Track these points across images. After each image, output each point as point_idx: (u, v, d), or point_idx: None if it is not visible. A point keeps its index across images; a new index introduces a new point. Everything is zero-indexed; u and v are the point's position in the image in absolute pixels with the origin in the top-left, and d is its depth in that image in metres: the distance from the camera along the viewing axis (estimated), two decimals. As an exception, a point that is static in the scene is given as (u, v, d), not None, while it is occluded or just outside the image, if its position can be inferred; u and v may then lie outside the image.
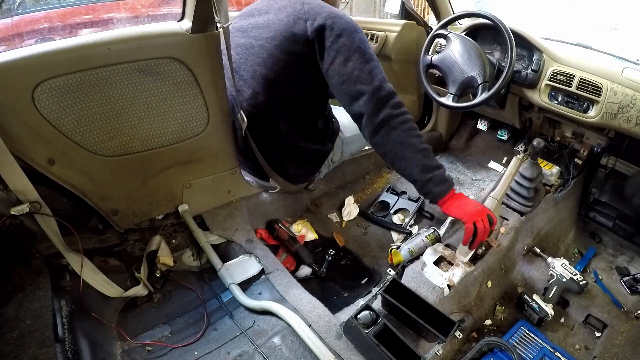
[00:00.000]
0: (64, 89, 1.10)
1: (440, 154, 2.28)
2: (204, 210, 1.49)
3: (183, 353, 1.08)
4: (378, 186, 1.92)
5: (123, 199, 1.31)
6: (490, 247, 1.39)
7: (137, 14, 2.58)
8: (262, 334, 1.09)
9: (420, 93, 2.23)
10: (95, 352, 1.01)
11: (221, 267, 1.28)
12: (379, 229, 1.71)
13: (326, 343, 1.04)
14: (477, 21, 1.69)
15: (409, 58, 2.08)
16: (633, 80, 1.38)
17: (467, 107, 1.53)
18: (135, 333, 1.13)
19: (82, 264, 1.14)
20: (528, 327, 1.31)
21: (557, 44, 1.71)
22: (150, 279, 1.27)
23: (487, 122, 2.18)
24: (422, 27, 2.04)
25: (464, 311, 1.25)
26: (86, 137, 1.18)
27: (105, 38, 1.13)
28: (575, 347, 1.31)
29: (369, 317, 1.01)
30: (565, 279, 1.40)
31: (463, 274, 1.27)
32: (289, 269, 1.41)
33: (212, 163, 1.44)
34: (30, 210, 1.09)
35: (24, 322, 0.97)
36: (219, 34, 1.26)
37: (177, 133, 1.32)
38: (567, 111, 1.52)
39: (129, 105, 1.21)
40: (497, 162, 2.12)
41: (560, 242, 1.69)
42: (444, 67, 1.56)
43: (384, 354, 0.95)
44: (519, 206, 1.55)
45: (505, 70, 1.44)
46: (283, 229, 1.52)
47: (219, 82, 1.32)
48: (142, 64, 1.18)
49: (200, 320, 1.19)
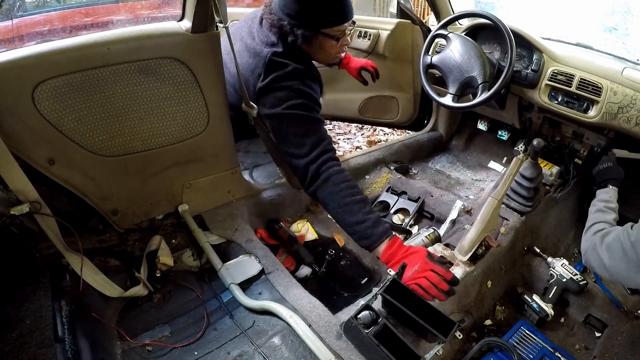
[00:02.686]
0: (64, 89, 1.10)
1: (440, 154, 2.28)
2: (204, 210, 1.49)
3: (183, 353, 1.08)
4: (378, 186, 1.92)
5: (123, 199, 1.31)
6: (490, 247, 1.39)
7: (137, 15, 2.58)
8: (262, 334, 1.09)
9: (416, 91, 2.24)
10: (95, 352, 1.01)
11: (221, 267, 1.28)
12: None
13: (326, 343, 1.03)
14: (477, 21, 1.69)
15: (404, 57, 2.11)
16: (633, 80, 1.38)
17: (467, 107, 1.53)
18: (135, 333, 1.13)
19: (82, 264, 1.14)
20: (528, 327, 1.31)
21: (557, 44, 1.71)
22: (150, 279, 1.27)
23: (487, 122, 2.18)
24: (418, 26, 2.05)
25: (464, 311, 1.25)
26: (86, 137, 1.18)
27: (105, 38, 1.13)
28: (575, 347, 1.31)
29: (369, 317, 1.01)
30: (565, 279, 1.40)
31: (463, 274, 1.27)
32: (289, 269, 1.41)
33: (212, 163, 1.44)
34: (30, 210, 1.09)
35: (24, 322, 0.97)
36: (219, 34, 1.26)
37: (177, 133, 1.32)
38: (567, 111, 1.52)
39: (129, 105, 1.21)
40: (497, 162, 2.12)
41: (560, 242, 1.69)
42: (444, 67, 1.56)
43: (384, 354, 0.95)
44: (519, 206, 1.55)
45: (505, 70, 1.44)
46: (283, 229, 1.52)
47: (219, 82, 1.33)
48: (142, 64, 1.18)
49: (200, 320, 1.18)
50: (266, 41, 1.30)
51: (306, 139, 1.26)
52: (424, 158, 2.22)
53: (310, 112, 1.28)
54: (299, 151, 1.26)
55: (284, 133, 1.28)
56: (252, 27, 1.37)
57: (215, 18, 1.19)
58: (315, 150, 1.25)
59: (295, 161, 1.28)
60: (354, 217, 1.20)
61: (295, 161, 1.28)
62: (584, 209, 1.81)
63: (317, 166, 1.24)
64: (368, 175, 1.97)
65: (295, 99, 1.26)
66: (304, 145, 1.25)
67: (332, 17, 1.27)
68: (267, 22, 1.29)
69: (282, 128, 1.28)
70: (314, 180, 1.25)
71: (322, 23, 1.27)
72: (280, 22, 1.26)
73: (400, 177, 1.95)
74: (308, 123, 1.27)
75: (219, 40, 1.28)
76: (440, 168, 2.14)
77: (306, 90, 1.28)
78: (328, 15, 1.26)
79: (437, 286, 1.09)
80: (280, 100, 1.26)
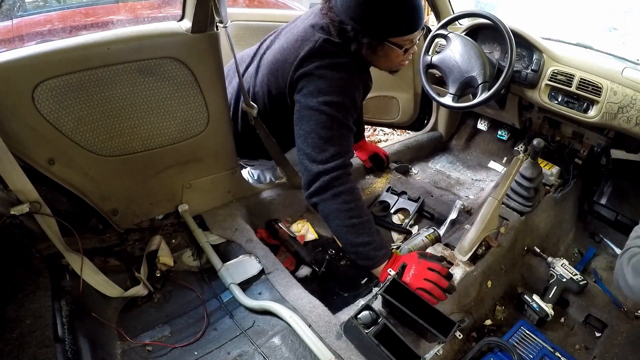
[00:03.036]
0: (64, 89, 1.10)
1: (440, 154, 2.28)
2: (203, 210, 1.49)
3: (183, 353, 1.08)
4: (378, 186, 1.91)
5: (123, 199, 1.32)
6: (490, 247, 1.39)
7: (137, 15, 2.58)
8: (262, 334, 1.09)
9: (417, 92, 2.24)
10: (95, 352, 1.01)
11: (221, 267, 1.28)
12: (379, 229, 1.71)
13: (326, 343, 1.03)
14: (477, 21, 1.69)
15: (405, 56, 2.09)
16: (633, 80, 1.38)
17: (467, 107, 1.53)
18: (135, 333, 1.13)
19: (82, 264, 1.14)
20: (528, 327, 1.31)
21: (557, 44, 1.71)
22: (150, 279, 1.27)
23: (487, 122, 2.18)
24: None
25: (464, 311, 1.25)
26: (86, 137, 1.18)
27: (105, 38, 1.13)
28: (575, 347, 1.31)
29: (369, 317, 1.01)
30: (565, 279, 1.40)
31: (463, 274, 1.27)
32: (289, 269, 1.40)
33: (212, 163, 1.44)
34: (30, 210, 1.09)
35: (24, 322, 0.97)
36: (219, 34, 1.26)
37: (177, 133, 1.32)
38: (567, 111, 1.52)
39: (129, 105, 1.21)
40: (497, 162, 2.12)
41: (560, 242, 1.69)
42: (444, 67, 1.56)
43: (384, 354, 0.95)
44: (519, 206, 1.55)
45: (505, 70, 1.44)
46: (283, 229, 1.52)
47: (219, 82, 1.32)
48: (142, 64, 1.18)
49: (200, 320, 1.18)
50: (321, 27, 1.17)
51: (329, 146, 1.15)
52: (424, 158, 2.22)
53: (345, 116, 1.17)
54: (317, 156, 1.15)
55: (308, 129, 1.15)
56: (306, 22, 1.25)
57: (215, 18, 1.19)
58: (334, 161, 1.14)
59: (308, 164, 1.16)
60: (358, 238, 1.15)
61: (308, 163, 1.17)
62: (584, 209, 1.82)
63: (330, 179, 1.14)
64: (368, 175, 1.97)
65: (336, 96, 1.14)
66: (324, 151, 1.14)
67: (404, 26, 1.13)
68: (327, 19, 1.15)
69: (309, 123, 1.15)
70: (320, 191, 1.16)
71: (392, 32, 1.13)
72: (342, 26, 1.12)
73: (400, 177, 1.95)
74: (338, 129, 1.16)
75: (219, 40, 1.28)
76: (440, 168, 2.14)
77: (350, 89, 1.17)
78: (399, 23, 1.12)
79: (437, 284, 1.10)
80: (319, 92, 1.14)
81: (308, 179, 1.18)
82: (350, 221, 1.15)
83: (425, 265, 1.12)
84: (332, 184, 1.14)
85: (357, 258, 1.19)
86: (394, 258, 1.18)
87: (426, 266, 1.12)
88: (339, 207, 1.14)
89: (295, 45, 1.20)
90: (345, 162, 1.18)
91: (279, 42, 1.30)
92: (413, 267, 1.13)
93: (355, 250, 1.17)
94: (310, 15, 1.25)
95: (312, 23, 1.20)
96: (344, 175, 1.16)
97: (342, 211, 1.14)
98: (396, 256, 1.20)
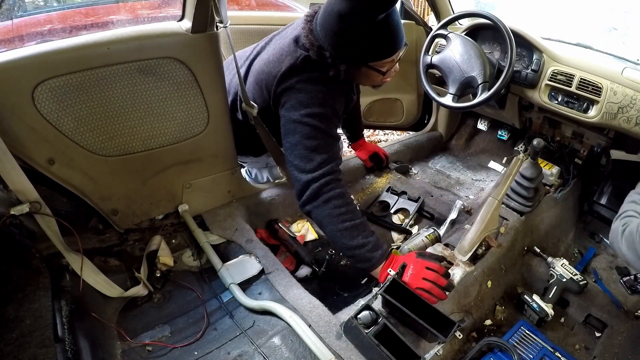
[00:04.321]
0: (64, 89, 1.10)
1: (440, 154, 2.28)
2: (203, 210, 1.49)
3: (183, 353, 1.08)
4: (378, 186, 1.92)
5: (123, 199, 1.32)
6: (490, 247, 1.39)
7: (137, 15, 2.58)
8: (262, 334, 1.09)
9: (420, 93, 2.24)
10: (95, 352, 1.01)
11: (221, 267, 1.28)
12: (379, 229, 1.71)
13: (326, 343, 1.03)
14: (477, 21, 1.69)
15: (408, 58, 2.08)
16: (633, 80, 1.38)
17: (467, 107, 1.53)
18: (135, 333, 1.13)
19: (82, 264, 1.14)
20: (528, 327, 1.31)
21: (557, 44, 1.71)
22: (150, 279, 1.27)
23: (487, 122, 2.18)
24: (422, 27, 2.04)
25: (464, 311, 1.25)
26: (86, 137, 1.18)
27: (105, 38, 1.13)
28: (575, 347, 1.31)
29: (369, 317, 1.01)
30: (565, 279, 1.40)
31: (463, 274, 1.27)
32: (289, 269, 1.41)
33: (212, 163, 1.44)
34: (30, 210, 1.09)
35: (24, 322, 0.97)
36: (219, 34, 1.26)
37: (177, 133, 1.32)
38: (567, 111, 1.52)
39: (129, 105, 1.21)
40: (497, 162, 2.12)
41: (560, 242, 1.69)
42: (444, 67, 1.56)
43: (384, 354, 0.95)
44: (519, 206, 1.55)
45: (505, 70, 1.44)
46: (283, 229, 1.52)
47: (219, 82, 1.33)
48: (142, 64, 1.19)
49: (200, 320, 1.19)
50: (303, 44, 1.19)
51: (315, 155, 1.17)
52: (424, 158, 2.22)
53: (329, 125, 1.20)
54: (305, 165, 1.17)
55: (294, 142, 1.19)
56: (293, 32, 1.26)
57: (215, 18, 1.19)
58: (322, 168, 1.16)
59: (298, 174, 1.19)
60: (353, 241, 1.16)
61: (297, 174, 1.19)
62: (584, 209, 1.82)
63: (319, 186, 1.16)
64: (368, 175, 1.97)
65: (317, 107, 1.17)
66: (311, 161, 1.17)
67: (381, 51, 1.15)
68: (307, 41, 1.16)
69: (294, 135, 1.19)
70: (311, 199, 1.17)
71: (370, 58, 1.16)
72: (321, 51, 1.14)
73: (400, 177, 1.95)
74: (322, 138, 1.18)
75: (219, 40, 1.28)
76: (440, 168, 2.14)
77: (330, 100, 1.20)
78: (376, 49, 1.14)
79: (436, 283, 1.10)
80: (301, 105, 1.17)
81: (299, 189, 1.20)
82: (343, 225, 1.16)
83: (423, 265, 1.13)
84: (321, 190, 1.16)
85: (354, 261, 1.20)
86: (392, 258, 1.19)
87: (424, 265, 1.13)
88: (330, 212, 1.16)
89: (279, 59, 1.22)
90: (333, 168, 1.19)
91: (267, 52, 1.32)
92: (411, 267, 1.13)
93: (351, 254, 1.18)
94: (298, 26, 1.25)
95: (296, 36, 1.22)
96: (333, 181, 1.18)
97: (334, 216, 1.16)
98: (394, 256, 1.20)
